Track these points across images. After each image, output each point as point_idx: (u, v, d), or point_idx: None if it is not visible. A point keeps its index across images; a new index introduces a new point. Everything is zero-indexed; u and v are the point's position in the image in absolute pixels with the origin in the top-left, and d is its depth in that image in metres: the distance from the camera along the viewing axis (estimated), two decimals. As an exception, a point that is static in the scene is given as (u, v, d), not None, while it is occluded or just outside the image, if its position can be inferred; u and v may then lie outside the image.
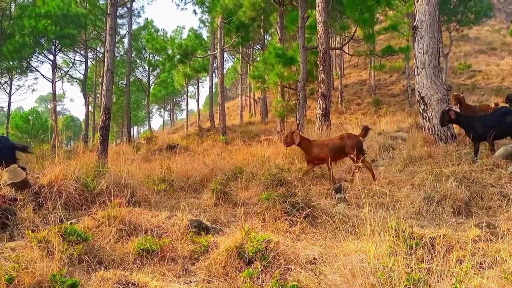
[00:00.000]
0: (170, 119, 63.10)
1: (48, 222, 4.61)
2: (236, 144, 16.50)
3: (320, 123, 14.26)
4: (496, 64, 35.55)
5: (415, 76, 9.88)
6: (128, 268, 3.86)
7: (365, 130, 8.00)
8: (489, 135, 7.65)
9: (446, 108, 8.47)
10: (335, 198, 6.58)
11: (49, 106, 72.33)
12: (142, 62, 40.58)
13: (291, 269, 3.67)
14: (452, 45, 33.27)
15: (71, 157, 7.15)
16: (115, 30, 12.47)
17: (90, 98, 36.93)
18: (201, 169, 9.08)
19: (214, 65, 33.94)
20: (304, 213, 4.89)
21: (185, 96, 51.72)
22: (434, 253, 3.51)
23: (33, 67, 31.17)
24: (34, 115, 40.61)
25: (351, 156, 7.53)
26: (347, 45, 24.44)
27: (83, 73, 33.16)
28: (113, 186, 5.95)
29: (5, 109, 31.80)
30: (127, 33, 31.04)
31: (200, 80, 46.10)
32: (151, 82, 41.80)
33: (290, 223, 4.84)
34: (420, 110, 9.74)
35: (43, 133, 32.91)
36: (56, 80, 30.70)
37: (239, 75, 41.88)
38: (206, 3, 31.35)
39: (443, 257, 3.15)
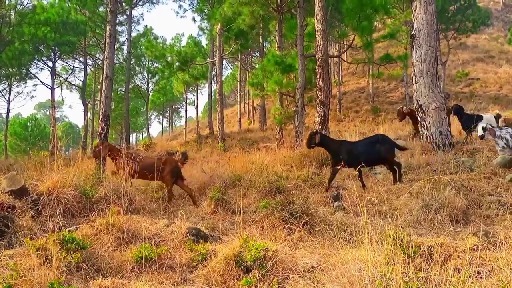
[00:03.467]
0: (169, 126, 63.09)
1: (47, 230, 4.60)
2: (234, 151, 16.48)
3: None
4: (494, 72, 35.68)
5: (413, 84, 9.93)
6: (126, 276, 3.86)
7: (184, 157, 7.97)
8: (359, 161, 7.47)
9: (314, 131, 8.33)
10: (333, 206, 6.59)
11: (48, 113, 72.35)
12: (141, 69, 40.67)
13: (289, 278, 3.67)
14: (450, 53, 33.41)
15: (69, 164, 7.13)
16: (115, 37, 12.52)
17: (89, 105, 36.93)
18: (199, 176, 9.08)
19: (213, 72, 34.02)
20: (302, 221, 4.90)
21: (184, 103, 51.77)
22: (432, 262, 3.52)
23: (32, 74, 31.19)
24: (32, 121, 40.63)
25: None
26: (345, 53, 24.54)
27: (82, 80, 33.17)
28: (111, 193, 5.96)
29: (4, 115, 31.74)
30: (126, 40, 31.17)
31: (199, 87, 46.25)
32: (150, 89, 41.88)
33: (288, 231, 4.84)
34: (418, 118, 9.77)
35: (42, 140, 32.88)
36: (55, 87, 30.71)
37: (238, 82, 41.96)
38: (205, 10, 31.51)
39: (441, 266, 3.16)
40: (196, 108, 41.69)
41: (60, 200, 5.53)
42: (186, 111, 44.00)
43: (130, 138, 38.87)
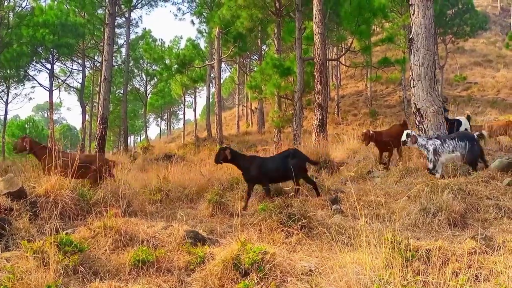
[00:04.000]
0: (167, 129, 63.06)
1: (44, 232, 4.59)
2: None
3: (316, 134, 14.30)
4: (491, 76, 35.83)
5: (411, 88, 9.95)
6: (124, 279, 3.85)
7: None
8: (270, 178, 7.36)
9: (223, 146, 7.92)
10: (331, 209, 6.58)
11: (46, 115, 72.21)
12: (140, 72, 40.70)
13: (287, 281, 3.66)
14: (448, 57, 33.54)
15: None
16: (113, 40, 12.53)
17: (87, 107, 36.90)
18: (197, 179, 9.07)
19: (212, 75, 34.07)
20: (300, 224, 4.89)
21: (182, 106, 51.94)
22: (430, 265, 3.53)
23: (31, 76, 31.18)
24: (30, 123, 40.60)
25: None
26: (343, 56, 24.58)
27: (80, 82, 33.15)
28: (109, 196, 5.94)
29: (2, 117, 31.68)
30: (125, 43, 31.20)
31: (197, 90, 46.21)
32: (148, 92, 41.87)
33: (286, 234, 4.84)
34: (416, 122, 9.78)
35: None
36: (53, 89, 30.68)
37: (236, 85, 42.04)
38: (204, 13, 31.58)
39: (439, 270, 3.16)
40: (194, 110, 41.75)
41: (57, 203, 5.52)
42: (184, 113, 44.28)
43: (128, 140, 38.84)
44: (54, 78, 31.87)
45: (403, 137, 7.90)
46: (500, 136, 10.57)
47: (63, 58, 31.96)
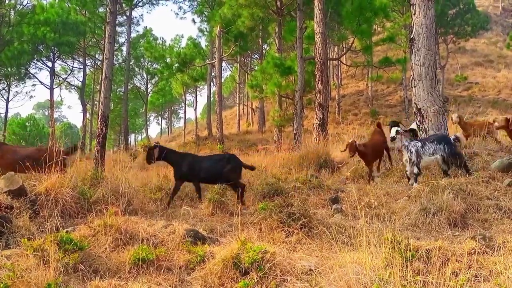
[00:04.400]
0: (168, 127, 63.08)
1: (44, 230, 4.60)
2: (233, 153, 16.47)
3: (317, 133, 14.30)
4: (492, 76, 35.80)
5: (412, 88, 9.94)
6: (124, 278, 3.85)
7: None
8: (200, 177, 7.31)
9: (152, 145, 7.77)
10: (331, 208, 6.59)
11: (46, 113, 72.23)
12: (141, 70, 40.72)
13: (287, 280, 3.67)
14: (449, 57, 33.52)
15: (68, 164, 7.12)
16: (114, 38, 12.52)
17: (88, 105, 36.94)
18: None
19: (212, 74, 34.05)
20: (300, 223, 4.89)
21: (183, 105, 51.97)
22: (430, 265, 3.53)
23: (31, 74, 31.20)
24: (31, 121, 40.54)
25: None
26: (344, 55, 24.58)
27: (81, 80, 33.18)
28: (109, 194, 5.94)
29: (3, 115, 31.70)
30: (126, 41, 31.17)
31: (198, 89, 46.26)
32: (149, 90, 41.90)
33: (286, 234, 4.84)
34: (417, 121, 9.78)
35: (40, 140, 32.85)
36: (54, 87, 30.73)
37: (237, 84, 42.01)
38: (205, 12, 31.58)
39: (439, 270, 3.16)
40: (195, 109, 41.83)
41: (58, 201, 5.52)
42: (185, 112, 44.27)
43: (129, 139, 38.84)
44: (55, 76, 31.92)
45: (392, 133, 7.79)
46: (478, 136, 10.50)
47: (64, 56, 31.99)
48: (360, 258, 3.56)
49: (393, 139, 7.80)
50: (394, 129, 7.80)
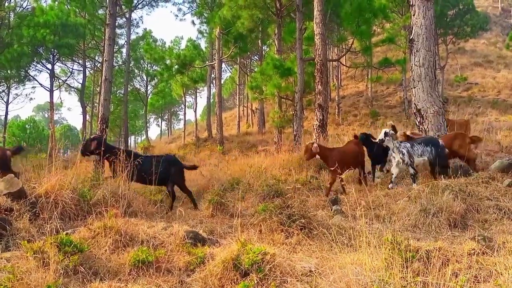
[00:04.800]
0: (168, 129, 63.05)
1: (44, 233, 4.59)
2: (233, 155, 16.49)
3: (317, 134, 14.31)
4: (492, 76, 35.81)
5: (412, 88, 9.96)
6: (124, 280, 3.85)
7: None
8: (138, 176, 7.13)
9: (91, 137, 7.67)
10: (331, 209, 6.59)
11: (46, 115, 72.26)
12: (140, 72, 40.70)
13: (287, 282, 3.66)
14: (448, 58, 33.53)
15: (68, 166, 7.11)
16: (114, 40, 12.54)
17: (88, 107, 36.91)
18: (198, 180, 9.06)
19: (212, 75, 34.06)
20: (300, 224, 4.89)
21: (182, 106, 51.90)
22: (430, 266, 3.52)
23: (31, 76, 31.18)
24: (31, 124, 40.58)
25: None
26: (344, 56, 24.60)
27: (81, 82, 33.15)
28: (109, 196, 5.93)
29: (3, 117, 31.68)
30: (125, 43, 31.16)
31: (198, 90, 46.19)
32: (149, 92, 41.87)
33: (286, 235, 4.84)
34: (417, 122, 9.79)
35: (40, 142, 32.86)
36: (54, 89, 30.69)
37: (237, 86, 42.01)
38: (204, 14, 31.57)
39: (439, 270, 3.16)
40: (195, 111, 41.73)
41: (58, 203, 5.52)
42: (184, 114, 44.21)
43: (129, 140, 38.83)
44: (55, 78, 31.88)
45: (381, 136, 7.71)
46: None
47: (63, 59, 31.98)
48: (360, 259, 3.56)
49: (381, 141, 7.76)
50: (383, 131, 7.81)
